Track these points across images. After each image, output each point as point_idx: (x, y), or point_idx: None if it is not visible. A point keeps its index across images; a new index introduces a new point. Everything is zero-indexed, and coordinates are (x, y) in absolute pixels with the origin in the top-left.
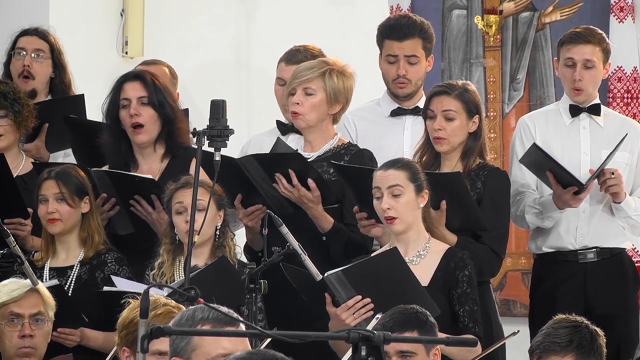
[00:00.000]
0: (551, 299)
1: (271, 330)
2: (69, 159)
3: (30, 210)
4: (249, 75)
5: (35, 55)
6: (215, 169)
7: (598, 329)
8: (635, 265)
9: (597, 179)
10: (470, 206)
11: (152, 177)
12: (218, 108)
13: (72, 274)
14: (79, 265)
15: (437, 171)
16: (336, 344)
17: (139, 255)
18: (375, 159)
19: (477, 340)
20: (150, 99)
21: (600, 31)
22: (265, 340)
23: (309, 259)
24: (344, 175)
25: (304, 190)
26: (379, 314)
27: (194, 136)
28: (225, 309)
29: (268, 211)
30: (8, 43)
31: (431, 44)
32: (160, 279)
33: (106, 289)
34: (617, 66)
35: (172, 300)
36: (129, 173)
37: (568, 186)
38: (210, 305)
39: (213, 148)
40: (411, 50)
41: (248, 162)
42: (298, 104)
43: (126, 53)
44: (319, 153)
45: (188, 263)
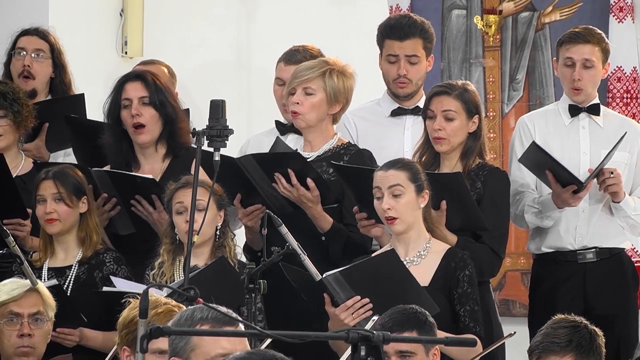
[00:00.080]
0: (550, 299)
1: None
2: (69, 158)
3: (29, 210)
4: (250, 75)
5: (36, 55)
6: (215, 169)
7: (597, 329)
8: (635, 265)
9: (597, 179)
10: (471, 206)
11: (153, 177)
12: (217, 108)
13: (71, 274)
14: (77, 265)
15: (437, 171)
16: (336, 344)
17: (139, 255)
18: (375, 159)
19: (476, 340)
20: (152, 99)
21: (599, 31)
22: (265, 341)
23: (308, 259)
24: (343, 175)
25: (303, 190)
26: (375, 316)
27: (193, 136)
28: (224, 308)
29: (267, 211)
30: (8, 43)
31: (432, 44)
32: (160, 278)
33: (105, 289)
34: (617, 66)
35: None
36: (130, 173)
37: (567, 185)
38: (210, 305)
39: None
40: (412, 50)
41: (247, 162)
42: (298, 103)
43: (126, 53)
44: (318, 153)
45: (187, 263)
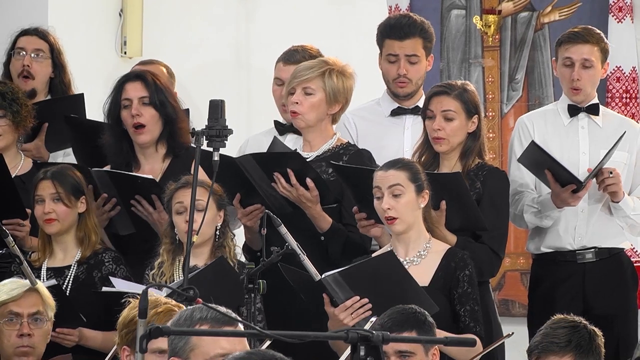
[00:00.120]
0: (550, 299)
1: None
2: (69, 158)
3: (28, 210)
4: (249, 75)
5: (35, 55)
6: (214, 168)
7: (596, 329)
8: (634, 265)
9: (596, 179)
10: (470, 206)
11: (153, 178)
12: (216, 108)
13: (70, 274)
14: (76, 265)
15: (436, 171)
16: (335, 344)
17: (139, 255)
18: (374, 159)
19: (476, 339)
20: (152, 99)
21: (598, 31)
22: (265, 341)
23: (308, 259)
24: (342, 175)
25: (303, 190)
26: (373, 317)
27: (192, 136)
28: (223, 308)
29: (267, 211)
30: (8, 43)
31: (431, 44)
32: (159, 278)
33: (105, 290)
34: (616, 66)
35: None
36: (130, 173)
37: (566, 184)
38: (209, 305)
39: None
40: (412, 50)
41: (246, 162)
42: (297, 103)
43: (125, 53)
44: (317, 153)
45: (187, 263)
